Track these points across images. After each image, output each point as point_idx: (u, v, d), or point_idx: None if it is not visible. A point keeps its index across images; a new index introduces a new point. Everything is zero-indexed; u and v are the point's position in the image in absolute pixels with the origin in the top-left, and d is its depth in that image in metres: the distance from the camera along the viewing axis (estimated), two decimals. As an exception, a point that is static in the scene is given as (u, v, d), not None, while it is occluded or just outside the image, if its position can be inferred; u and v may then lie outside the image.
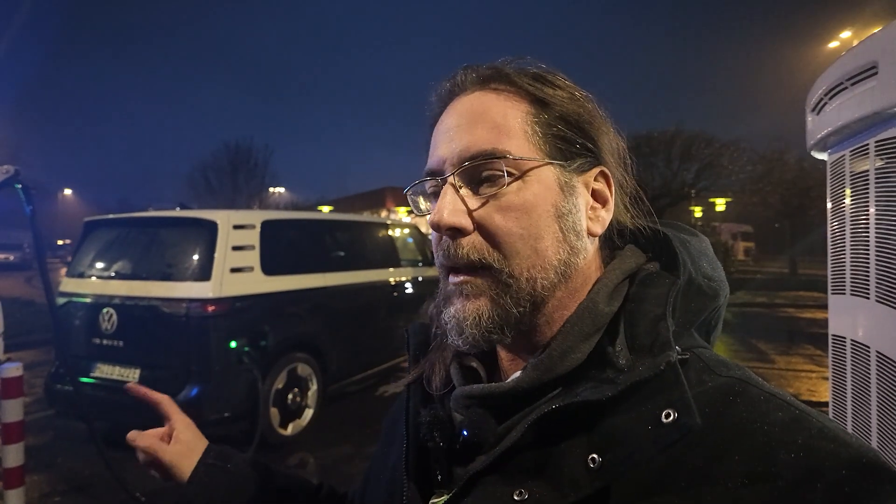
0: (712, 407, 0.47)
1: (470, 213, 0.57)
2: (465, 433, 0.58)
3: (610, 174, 0.62)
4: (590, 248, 0.60)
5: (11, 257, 32.97)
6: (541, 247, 0.56)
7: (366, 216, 9.23)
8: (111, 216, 5.21)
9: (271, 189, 33.37)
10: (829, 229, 1.73)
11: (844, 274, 1.65)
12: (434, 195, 0.62)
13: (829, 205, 1.75)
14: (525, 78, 0.61)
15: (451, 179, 0.58)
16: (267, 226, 4.86)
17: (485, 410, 0.57)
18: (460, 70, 0.64)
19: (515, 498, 0.49)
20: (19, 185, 3.36)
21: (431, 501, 0.60)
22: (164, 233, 4.76)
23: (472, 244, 0.57)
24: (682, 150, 21.40)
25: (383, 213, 25.34)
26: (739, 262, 27.85)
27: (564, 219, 0.58)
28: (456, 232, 0.57)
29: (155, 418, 0.90)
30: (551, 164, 0.58)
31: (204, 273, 4.32)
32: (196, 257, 4.42)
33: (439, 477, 0.60)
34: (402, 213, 26.05)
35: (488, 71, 0.62)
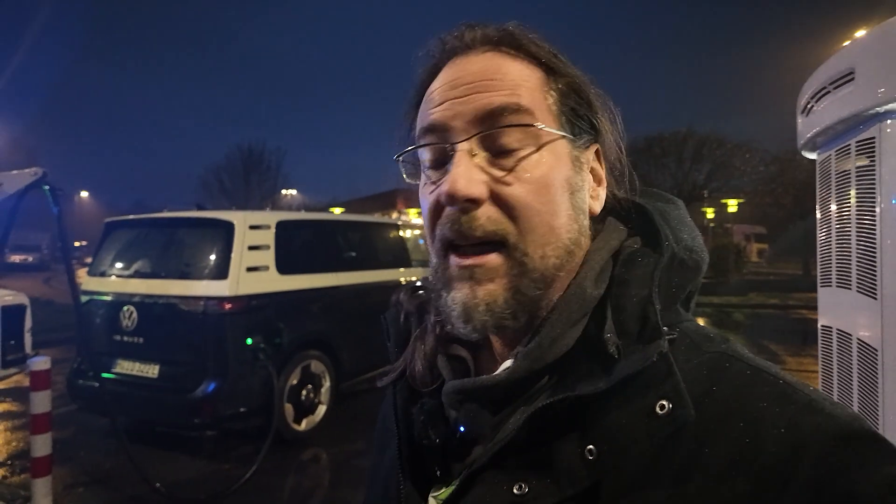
0: (700, 387, 0.46)
1: (486, 181, 0.53)
2: (461, 429, 0.57)
3: (603, 153, 0.60)
4: (588, 228, 0.58)
5: (30, 258, 33.50)
6: (556, 224, 0.53)
7: (376, 217, 9.33)
8: (131, 217, 5.37)
9: (283, 191, 33.66)
10: (818, 224, 1.82)
11: (831, 267, 1.73)
12: (437, 162, 0.57)
13: (818, 201, 1.83)
14: (536, 44, 0.57)
15: (465, 145, 0.53)
16: (282, 226, 4.98)
17: (478, 404, 0.55)
18: (463, 27, 0.59)
19: (515, 492, 0.49)
20: (47, 187, 3.50)
21: (431, 495, 0.59)
22: (183, 233, 4.90)
23: (488, 216, 0.52)
24: (693, 150, 21.36)
25: (394, 215, 25.43)
26: (753, 263, 27.64)
27: (575, 196, 0.55)
28: (471, 204, 0.52)
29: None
30: (565, 137, 0.55)
31: (221, 272, 4.44)
32: (213, 257, 4.54)
33: (438, 472, 0.59)
34: (412, 215, 26.13)
35: (498, 32, 0.57)
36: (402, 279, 6.58)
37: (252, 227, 4.70)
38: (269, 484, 4.03)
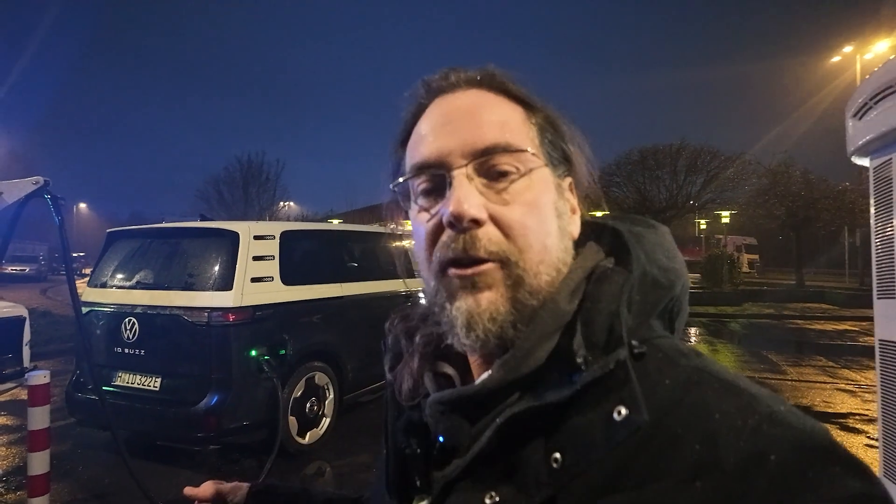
0: (668, 399, 0.47)
1: (484, 204, 0.56)
2: (441, 439, 0.58)
3: (576, 183, 0.64)
4: (571, 249, 0.61)
5: (27, 269, 33.18)
6: (549, 243, 0.57)
7: (377, 227, 9.26)
8: (133, 227, 5.27)
9: (281, 203, 33.61)
10: (874, 232, 1.72)
11: (894, 277, 1.64)
12: (431, 191, 0.60)
13: (872, 208, 1.74)
14: (514, 84, 0.62)
15: (463, 170, 0.57)
16: (286, 236, 4.91)
17: (458, 415, 0.57)
18: (448, 70, 0.64)
19: (487, 501, 0.51)
20: (48, 196, 3.42)
21: None
22: (187, 243, 4.80)
23: (489, 236, 0.55)
24: (687, 163, 21.51)
25: (391, 226, 25.42)
26: (744, 274, 27.79)
27: (561, 219, 0.60)
28: (474, 224, 0.55)
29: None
30: (548, 165, 0.60)
31: (226, 282, 4.35)
32: (218, 267, 4.45)
33: (418, 483, 0.61)
34: (409, 226, 26.08)
35: (480, 73, 0.62)
36: (404, 290, 6.50)
37: (257, 238, 4.62)
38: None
